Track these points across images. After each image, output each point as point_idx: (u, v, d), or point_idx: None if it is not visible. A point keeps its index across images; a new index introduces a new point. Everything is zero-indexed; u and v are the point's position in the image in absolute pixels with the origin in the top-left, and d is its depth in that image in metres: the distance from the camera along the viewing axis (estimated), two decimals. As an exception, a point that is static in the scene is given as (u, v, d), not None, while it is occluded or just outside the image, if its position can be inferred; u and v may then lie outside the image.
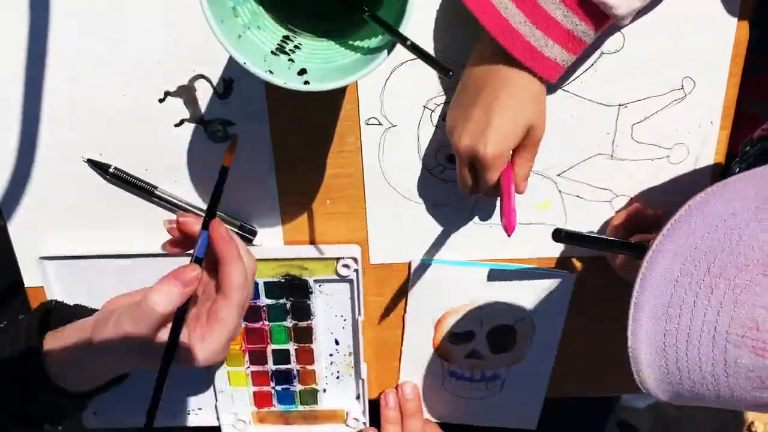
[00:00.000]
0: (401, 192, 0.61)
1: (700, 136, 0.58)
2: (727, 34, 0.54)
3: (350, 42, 0.46)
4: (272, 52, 0.44)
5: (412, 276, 0.64)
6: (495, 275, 0.63)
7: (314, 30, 0.48)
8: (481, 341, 0.67)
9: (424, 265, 0.64)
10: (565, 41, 0.48)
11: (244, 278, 0.46)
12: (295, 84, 0.41)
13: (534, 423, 0.72)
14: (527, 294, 0.64)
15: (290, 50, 0.45)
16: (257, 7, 0.45)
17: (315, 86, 0.41)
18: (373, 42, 0.44)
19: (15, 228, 0.62)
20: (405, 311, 0.66)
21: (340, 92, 0.57)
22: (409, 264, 0.64)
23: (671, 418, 1.41)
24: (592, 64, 0.55)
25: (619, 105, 0.57)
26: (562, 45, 0.48)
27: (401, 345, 0.68)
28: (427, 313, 0.66)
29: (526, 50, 0.47)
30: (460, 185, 0.54)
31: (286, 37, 0.46)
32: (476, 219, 0.62)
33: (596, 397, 0.79)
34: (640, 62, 0.55)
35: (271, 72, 0.41)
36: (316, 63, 0.44)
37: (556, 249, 0.63)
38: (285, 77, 0.41)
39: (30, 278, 0.64)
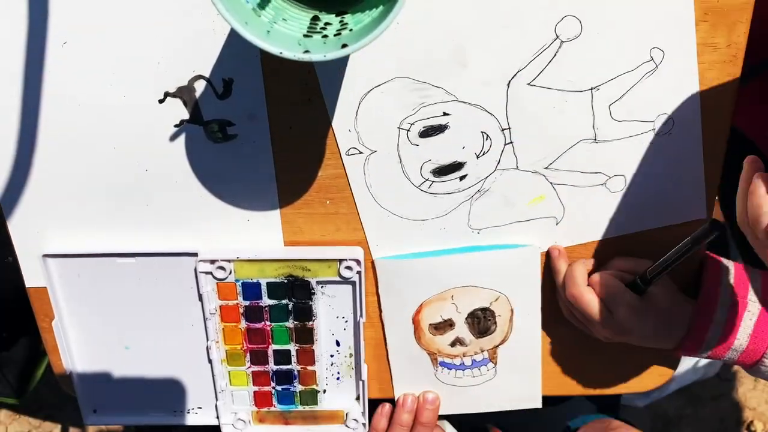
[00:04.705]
0: (395, 213, 0.61)
1: (682, 103, 0.57)
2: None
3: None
4: (305, 36, 0.45)
5: (378, 276, 0.64)
6: (460, 260, 0.63)
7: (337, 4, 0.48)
8: (462, 327, 0.67)
9: (388, 263, 0.64)
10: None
11: None
12: (334, 53, 0.42)
13: (537, 401, 0.71)
14: (496, 273, 0.64)
15: (321, 29, 0.46)
16: (278, 1, 0.46)
17: (352, 48, 0.42)
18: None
19: (15, 227, 0.62)
20: (380, 312, 0.66)
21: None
22: (372, 264, 0.64)
23: (671, 418, 1.41)
24: (554, 55, 0.54)
25: (591, 88, 0.56)
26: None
27: (385, 346, 0.68)
28: (402, 309, 0.66)
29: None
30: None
31: (315, 19, 0.47)
32: (473, 226, 0.62)
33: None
34: (603, 43, 0.53)
35: (308, 51, 0.42)
36: (346, 32, 0.45)
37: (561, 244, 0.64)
38: (323, 51, 0.42)
39: (31, 279, 0.64)
